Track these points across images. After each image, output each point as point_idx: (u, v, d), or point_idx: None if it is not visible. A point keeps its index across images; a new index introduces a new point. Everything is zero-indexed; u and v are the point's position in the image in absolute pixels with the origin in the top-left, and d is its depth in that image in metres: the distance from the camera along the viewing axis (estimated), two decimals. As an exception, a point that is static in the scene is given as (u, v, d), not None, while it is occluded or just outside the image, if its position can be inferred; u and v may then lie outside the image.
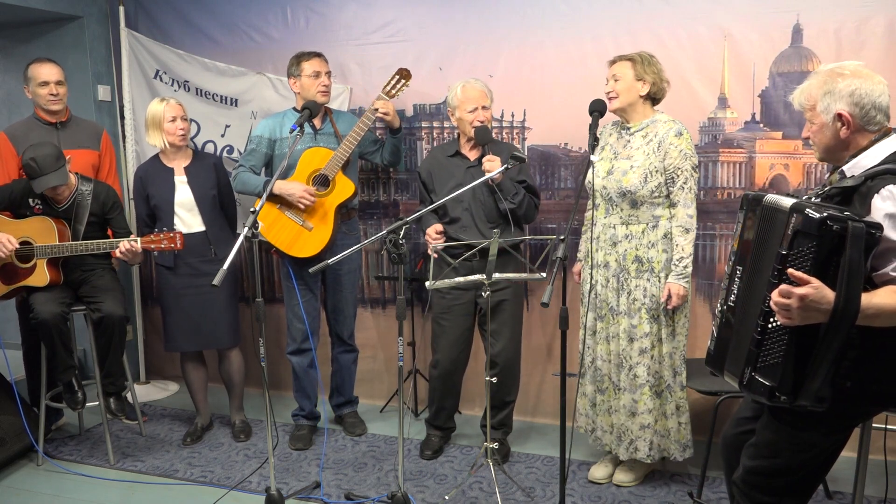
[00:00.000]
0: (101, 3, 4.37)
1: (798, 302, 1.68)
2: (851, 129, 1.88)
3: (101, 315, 3.29)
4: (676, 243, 2.87)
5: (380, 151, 3.62)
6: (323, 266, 2.61)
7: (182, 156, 3.54)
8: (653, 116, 2.92)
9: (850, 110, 1.87)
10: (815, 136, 1.96)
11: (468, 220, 3.20)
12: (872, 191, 1.77)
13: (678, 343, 2.94)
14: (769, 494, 2.01)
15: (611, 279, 2.96)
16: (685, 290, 2.87)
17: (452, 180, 3.21)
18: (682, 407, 2.98)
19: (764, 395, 1.82)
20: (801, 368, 1.78)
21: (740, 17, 3.22)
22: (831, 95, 1.89)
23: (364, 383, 4.03)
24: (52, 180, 3.17)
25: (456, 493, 3.08)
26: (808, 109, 1.95)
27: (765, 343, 1.81)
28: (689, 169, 2.84)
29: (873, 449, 2.58)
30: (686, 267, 2.85)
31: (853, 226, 1.67)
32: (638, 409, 2.96)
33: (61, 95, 3.57)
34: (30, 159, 3.15)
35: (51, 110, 3.56)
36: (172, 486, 3.24)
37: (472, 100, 3.16)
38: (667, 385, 2.95)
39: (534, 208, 3.24)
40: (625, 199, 2.89)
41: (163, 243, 3.21)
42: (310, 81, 3.38)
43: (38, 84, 3.52)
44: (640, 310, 2.91)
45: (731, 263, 2.03)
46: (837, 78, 1.90)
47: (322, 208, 3.37)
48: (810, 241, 1.71)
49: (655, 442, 2.98)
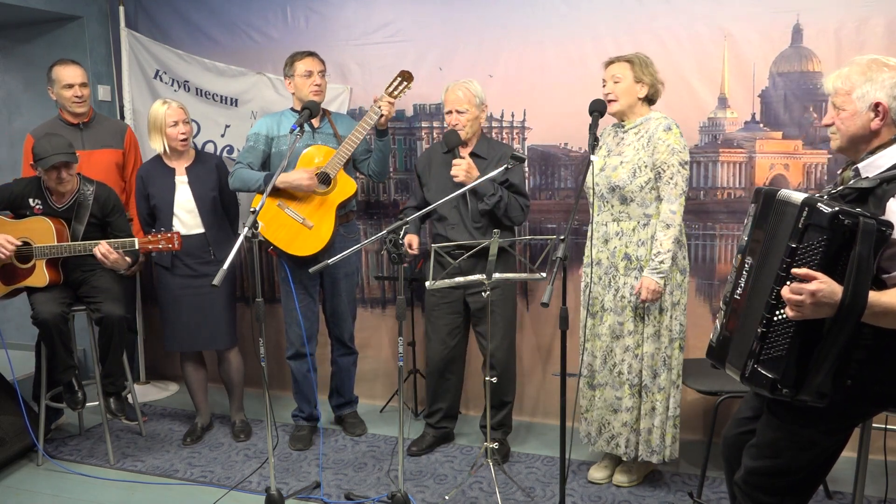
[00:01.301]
0: (101, 3, 4.37)
1: (810, 297, 1.68)
2: (884, 121, 1.86)
3: (101, 315, 3.29)
4: (656, 238, 2.83)
5: (367, 161, 3.57)
6: (323, 266, 2.60)
7: (184, 157, 3.54)
8: (648, 115, 2.92)
9: (888, 102, 1.85)
10: (843, 124, 1.91)
11: (456, 217, 3.22)
12: (889, 194, 1.76)
13: (661, 344, 2.90)
14: (771, 495, 2.01)
15: (602, 276, 2.97)
16: (658, 286, 2.81)
17: (442, 177, 3.23)
18: (657, 410, 2.92)
19: (766, 387, 1.82)
20: (805, 362, 1.78)
21: (740, 17, 3.22)
22: (873, 83, 1.86)
23: (364, 383, 4.03)
24: (60, 157, 3.17)
25: (456, 493, 3.08)
26: (843, 94, 1.90)
27: (769, 336, 1.81)
28: (675, 164, 2.80)
29: (873, 449, 2.58)
30: (662, 262, 2.80)
31: (864, 222, 1.67)
32: (620, 406, 2.95)
33: (85, 97, 3.66)
34: (44, 142, 3.20)
35: (76, 112, 3.63)
36: (172, 486, 3.24)
37: (447, 102, 3.22)
38: (646, 385, 2.92)
39: (519, 209, 3.20)
40: (614, 194, 2.88)
41: (160, 244, 3.21)
42: (302, 81, 3.37)
43: (62, 86, 3.59)
44: (626, 307, 2.91)
45: (740, 256, 2.02)
46: (883, 68, 1.86)
47: (323, 206, 3.36)
48: (821, 235, 1.71)
49: (632, 440, 2.97)
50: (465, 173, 3.10)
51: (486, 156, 3.24)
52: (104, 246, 3.19)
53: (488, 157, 3.24)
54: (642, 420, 2.94)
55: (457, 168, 3.11)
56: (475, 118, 3.22)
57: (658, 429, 2.93)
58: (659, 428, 2.93)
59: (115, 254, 3.21)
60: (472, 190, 3.11)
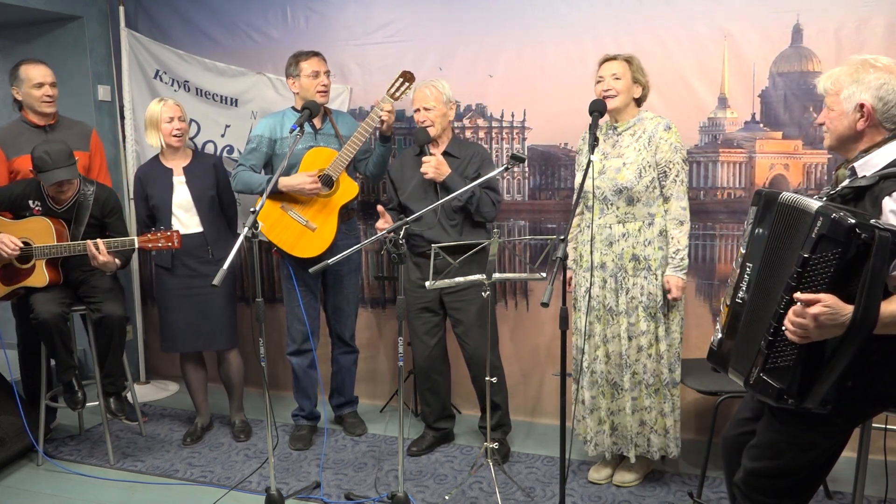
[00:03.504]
0: (101, 3, 4.37)
1: (812, 321, 1.66)
2: (869, 122, 1.86)
3: (101, 315, 3.29)
4: (672, 236, 2.88)
5: (366, 161, 3.59)
6: (323, 266, 2.60)
7: (181, 156, 3.54)
8: (639, 115, 2.94)
9: (873, 103, 1.84)
10: (831, 123, 1.93)
11: (431, 217, 3.20)
12: (884, 192, 1.75)
13: (672, 341, 2.95)
14: (771, 496, 2.01)
15: (608, 280, 2.96)
16: (684, 282, 2.88)
17: (414, 178, 3.24)
18: (675, 404, 2.99)
19: (771, 396, 1.81)
20: (811, 372, 1.76)
21: (740, 17, 3.22)
22: (858, 84, 1.86)
23: (364, 383, 4.03)
24: (62, 174, 3.17)
25: (456, 493, 3.08)
26: (832, 94, 1.91)
27: (776, 345, 1.79)
28: (679, 162, 2.86)
29: (873, 449, 2.58)
30: (683, 259, 2.86)
31: (880, 235, 1.64)
32: (637, 407, 2.97)
33: (55, 97, 3.53)
34: (43, 152, 3.16)
35: (44, 112, 3.50)
36: (172, 486, 3.24)
37: (415, 101, 3.25)
38: (664, 383, 2.95)
39: (490, 204, 3.20)
40: (621, 196, 2.89)
41: (160, 242, 3.21)
42: (308, 81, 3.38)
43: (32, 85, 3.44)
44: (637, 308, 2.91)
45: (741, 260, 2.00)
46: (869, 69, 1.86)
47: (326, 208, 3.36)
48: (835, 248, 1.67)
49: (654, 440, 2.98)
50: (435, 170, 3.11)
51: (459, 155, 3.26)
52: (93, 245, 3.18)
53: (461, 156, 3.26)
54: (666, 418, 2.97)
55: (426, 165, 3.12)
56: (443, 115, 3.23)
57: (678, 423, 3.00)
58: (677, 422, 3.00)
59: (105, 255, 3.19)
60: (444, 187, 3.13)
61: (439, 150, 3.27)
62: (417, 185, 3.24)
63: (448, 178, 3.13)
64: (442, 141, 3.28)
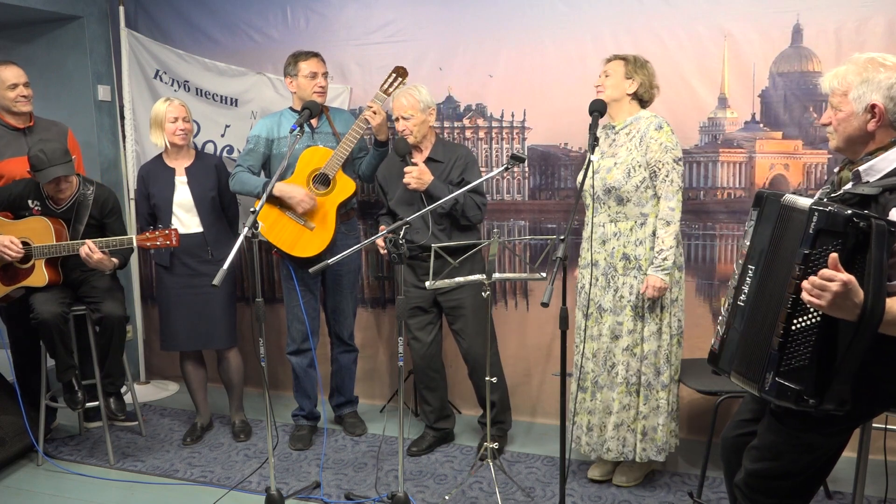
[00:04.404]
0: (101, 3, 4.37)
1: (842, 287, 1.61)
2: (881, 122, 1.81)
3: (101, 315, 3.29)
4: (657, 236, 2.85)
5: (360, 161, 3.59)
6: (323, 266, 2.61)
7: (184, 156, 3.54)
8: (637, 115, 2.93)
9: (884, 104, 1.79)
10: (840, 124, 1.87)
11: (418, 222, 3.18)
12: (892, 203, 1.72)
13: (663, 342, 2.91)
14: (771, 497, 2.00)
15: (600, 277, 2.96)
16: (663, 283, 2.82)
17: (400, 185, 3.24)
18: (662, 408, 2.93)
19: (791, 399, 1.76)
20: (827, 370, 1.74)
21: (740, 17, 3.22)
22: (868, 84, 1.80)
23: (364, 383, 4.03)
24: (59, 171, 3.17)
25: (456, 493, 3.08)
26: (839, 94, 1.86)
27: (788, 346, 1.76)
28: (670, 162, 2.83)
29: (873, 449, 2.58)
30: (665, 259, 2.82)
31: (877, 223, 1.63)
32: (613, 408, 2.95)
33: (30, 97, 3.50)
34: (38, 151, 3.16)
35: (21, 112, 3.47)
36: (172, 486, 3.24)
37: (394, 110, 3.26)
38: (647, 384, 2.92)
39: (475, 208, 3.21)
40: (610, 195, 2.89)
41: (158, 240, 3.21)
42: (306, 82, 3.38)
43: (7, 87, 3.41)
44: (625, 307, 2.91)
45: (742, 262, 1.98)
46: (879, 68, 1.81)
47: (323, 208, 3.37)
48: (835, 240, 1.67)
49: (630, 440, 2.96)
50: (417, 180, 3.13)
51: (443, 159, 3.26)
52: (88, 245, 3.18)
53: (445, 160, 3.26)
54: (647, 419, 2.94)
55: (408, 176, 3.14)
56: (422, 122, 3.22)
57: (663, 426, 2.94)
58: (664, 426, 2.94)
59: (99, 253, 3.19)
60: (428, 195, 3.15)
61: (423, 155, 3.28)
62: (404, 192, 3.24)
63: (431, 185, 3.14)
64: (425, 146, 3.28)
